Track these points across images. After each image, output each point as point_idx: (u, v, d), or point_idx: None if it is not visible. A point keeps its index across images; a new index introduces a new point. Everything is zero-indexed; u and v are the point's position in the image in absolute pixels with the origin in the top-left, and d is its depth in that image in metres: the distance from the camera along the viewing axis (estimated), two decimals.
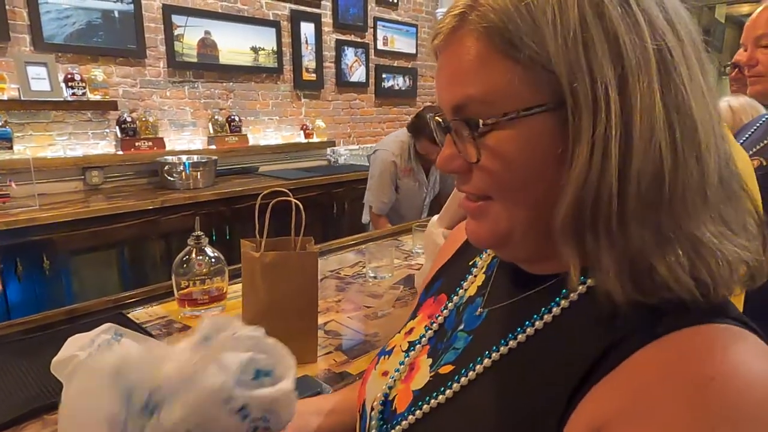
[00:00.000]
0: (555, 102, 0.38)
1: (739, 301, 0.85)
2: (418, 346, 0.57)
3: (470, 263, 0.62)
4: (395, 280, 1.49)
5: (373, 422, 0.55)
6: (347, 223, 3.40)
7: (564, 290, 0.45)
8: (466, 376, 0.48)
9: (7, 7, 2.44)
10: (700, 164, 0.38)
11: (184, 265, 1.18)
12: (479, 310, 0.54)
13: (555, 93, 0.38)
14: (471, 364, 0.48)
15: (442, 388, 0.49)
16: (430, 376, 0.52)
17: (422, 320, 0.62)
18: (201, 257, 1.19)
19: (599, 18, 0.37)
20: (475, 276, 0.59)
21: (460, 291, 0.59)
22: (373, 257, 1.52)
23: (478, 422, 0.45)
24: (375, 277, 1.49)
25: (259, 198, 0.98)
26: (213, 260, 1.21)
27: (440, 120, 0.47)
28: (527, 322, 0.46)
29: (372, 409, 0.56)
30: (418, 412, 0.50)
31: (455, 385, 0.48)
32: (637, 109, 0.37)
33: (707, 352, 0.35)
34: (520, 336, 0.46)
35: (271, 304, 0.97)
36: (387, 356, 0.61)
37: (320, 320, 1.20)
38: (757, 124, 1.36)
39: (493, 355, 0.47)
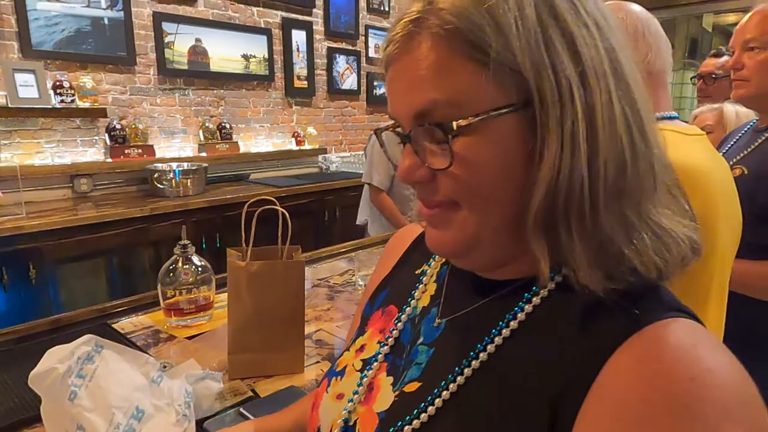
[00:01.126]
0: (522, 101, 0.39)
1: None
2: (374, 363, 0.53)
3: (418, 272, 0.59)
4: None
5: None
6: (339, 230, 3.39)
7: (527, 294, 0.45)
8: (439, 396, 0.45)
9: None
10: (649, 154, 0.41)
11: (171, 275, 1.17)
12: (437, 321, 0.51)
13: (521, 92, 0.39)
14: (442, 382, 0.46)
15: (415, 411, 0.46)
16: (395, 396, 0.49)
17: (373, 335, 0.58)
18: (187, 266, 1.18)
19: (555, 19, 0.39)
20: (426, 285, 0.57)
21: (412, 302, 0.56)
22: (363, 265, 1.51)
23: None
24: (364, 285, 1.48)
25: (246, 206, 0.98)
26: (200, 269, 1.20)
27: (397, 132, 0.45)
28: (493, 330, 0.45)
29: None
30: None
31: (430, 408, 0.45)
32: (599, 103, 0.39)
33: (679, 354, 0.36)
34: (489, 346, 0.45)
35: (257, 314, 0.96)
36: (339, 377, 0.57)
37: (309, 329, 1.19)
38: (742, 132, 1.36)
39: (465, 370, 0.45)
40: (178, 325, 1.17)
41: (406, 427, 0.45)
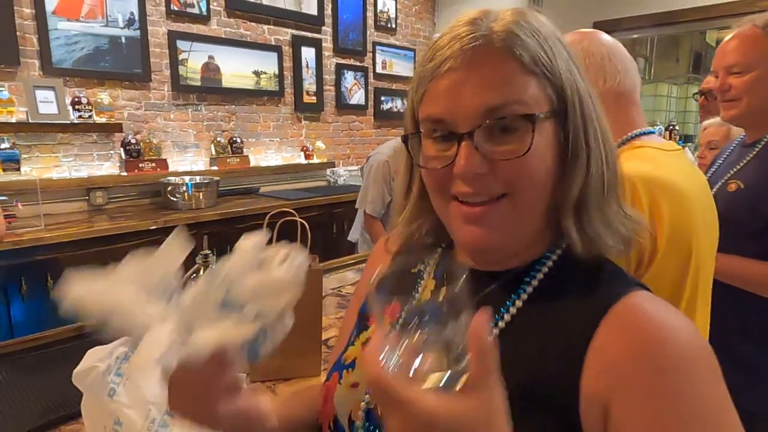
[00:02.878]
0: (558, 108, 0.51)
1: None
2: None
3: (414, 271, 0.64)
4: None
5: None
6: (346, 242, 3.44)
7: (526, 278, 0.54)
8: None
9: (17, 33, 2.53)
10: (615, 163, 0.55)
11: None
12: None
13: (557, 101, 0.51)
14: None
15: None
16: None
17: None
18: None
19: (569, 53, 0.53)
20: (426, 281, 0.62)
21: (417, 295, 0.61)
22: None
23: None
24: None
25: (267, 218, 1.03)
26: None
27: (440, 135, 0.51)
28: (502, 307, 0.53)
29: (352, 421, 0.57)
30: None
31: None
32: (596, 118, 0.54)
33: (649, 321, 0.47)
34: (499, 323, 0.52)
35: None
36: (350, 369, 0.61)
37: (324, 336, 1.23)
38: (730, 149, 1.41)
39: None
40: None
41: None
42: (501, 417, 0.37)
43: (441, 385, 0.36)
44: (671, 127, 4.25)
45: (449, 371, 0.36)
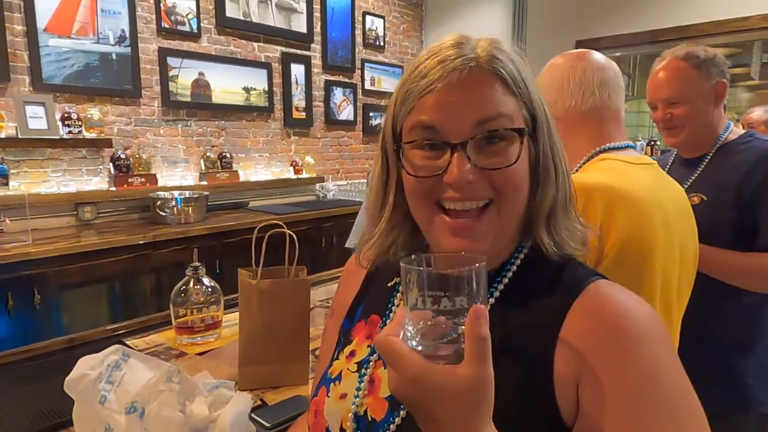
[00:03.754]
0: (530, 129, 0.58)
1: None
2: (370, 362, 0.62)
3: (390, 284, 0.68)
4: None
5: None
6: (335, 256, 3.47)
7: (498, 278, 0.59)
8: None
9: (9, 49, 2.55)
10: (570, 177, 0.62)
11: (182, 295, 1.24)
12: None
13: (531, 122, 0.58)
14: None
15: None
16: None
17: (361, 342, 0.66)
18: (198, 287, 1.25)
19: (533, 80, 0.60)
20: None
21: (394, 308, 0.65)
22: None
23: None
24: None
25: (256, 231, 1.06)
26: (209, 290, 1.27)
27: (434, 144, 0.55)
28: None
29: (343, 429, 0.59)
30: (402, 412, 0.55)
31: None
32: (558, 139, 0.61)
33: (609, 304, 0.53)
34: None
35: (266, 329, 1.03)
36: (337, 382, 0.63)
37: (311, 346, 1.25)
38: (668, 165, 1.50)
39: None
40: (189, 342, 1.24)
41: None
42: (481, 393, 0.42)
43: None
44: (652, 143, 4.36)
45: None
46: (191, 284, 1.25)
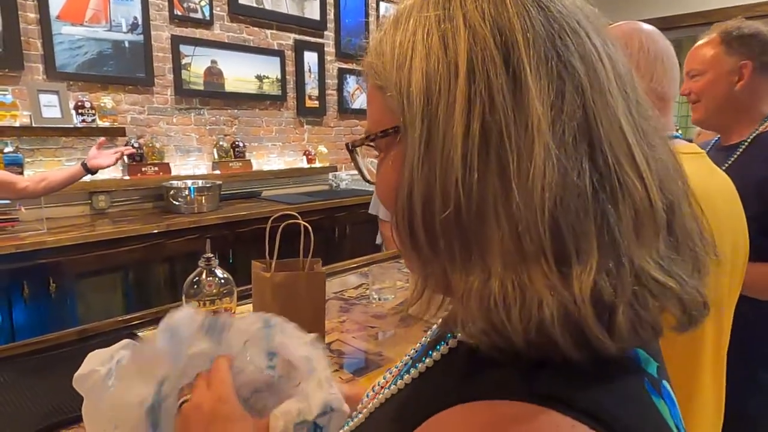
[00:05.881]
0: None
1: None
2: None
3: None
4: (398, 301, 1.52)
5: None
6: (349, 246, 3.44)
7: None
8: (372, 403, 0.48)
9: (22, 37, 2.54)
10: None
11: (195, 286, 1.22)
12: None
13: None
14: (389, 387, 0.47)
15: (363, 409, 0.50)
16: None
17: None
18: (211, 278, 1.22)
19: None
20: None
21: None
22: (377, 279, 1.55)
23: None
24: (378, 299, 1.53)
25: (270, 221, 1.03)
26: (222, 281, 1.24)
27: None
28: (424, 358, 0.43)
29: None
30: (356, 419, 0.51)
31: (365, 410, 0.49)
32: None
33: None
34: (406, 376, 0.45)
35: None
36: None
37: (326, 339, 1.23)
38: (706, 150, 1.44)
39: (392, 387, 0.46)
40: None
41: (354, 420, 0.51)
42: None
43: None
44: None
45: None
46: (204, 276, 1.22)
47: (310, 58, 3.85)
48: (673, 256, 0.35)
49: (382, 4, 4.34)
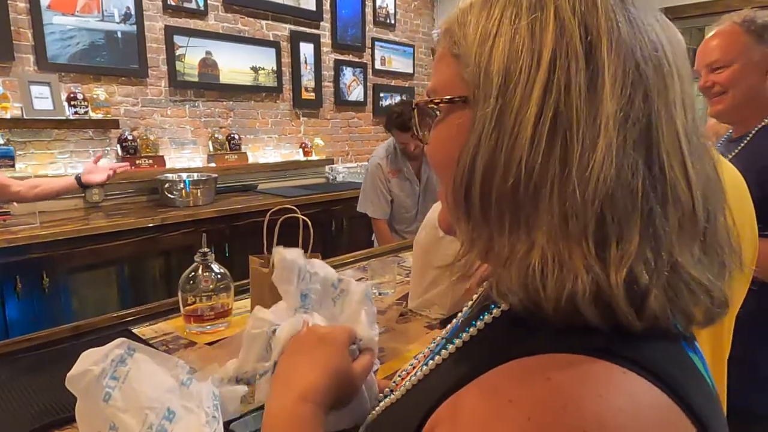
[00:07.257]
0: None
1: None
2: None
3: None
4: (397, 297, 1.50)
5: None
6: (346, 240, 3.42)
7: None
8: (411, 380, 0.50)
9: (12, 27, 2.48)
10: None
11: (191, 282, 1.19)
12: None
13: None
14: (422, 367, 0.50)
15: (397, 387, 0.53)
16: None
17: None
18: (207, 273, 1.20)
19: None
20: None
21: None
22: (376, 273, 1.53)
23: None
24: (377, 293, 1.51)
25: (268, 215, 1.00)
26: (219, 276, 1.22)
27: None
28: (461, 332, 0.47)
29: None
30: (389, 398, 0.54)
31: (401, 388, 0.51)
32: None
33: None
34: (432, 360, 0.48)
35: None
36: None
37: None
38: (718, 145, 1.42)
39: (430, 362, 0.48)
40: (198, 331, 1.19)
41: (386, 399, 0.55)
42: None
43: None
44: None
45: None
46: (200, 271, 1.20)
47: (306, 49, 3.80)
48: (704, 259, 0.38)
49: None
